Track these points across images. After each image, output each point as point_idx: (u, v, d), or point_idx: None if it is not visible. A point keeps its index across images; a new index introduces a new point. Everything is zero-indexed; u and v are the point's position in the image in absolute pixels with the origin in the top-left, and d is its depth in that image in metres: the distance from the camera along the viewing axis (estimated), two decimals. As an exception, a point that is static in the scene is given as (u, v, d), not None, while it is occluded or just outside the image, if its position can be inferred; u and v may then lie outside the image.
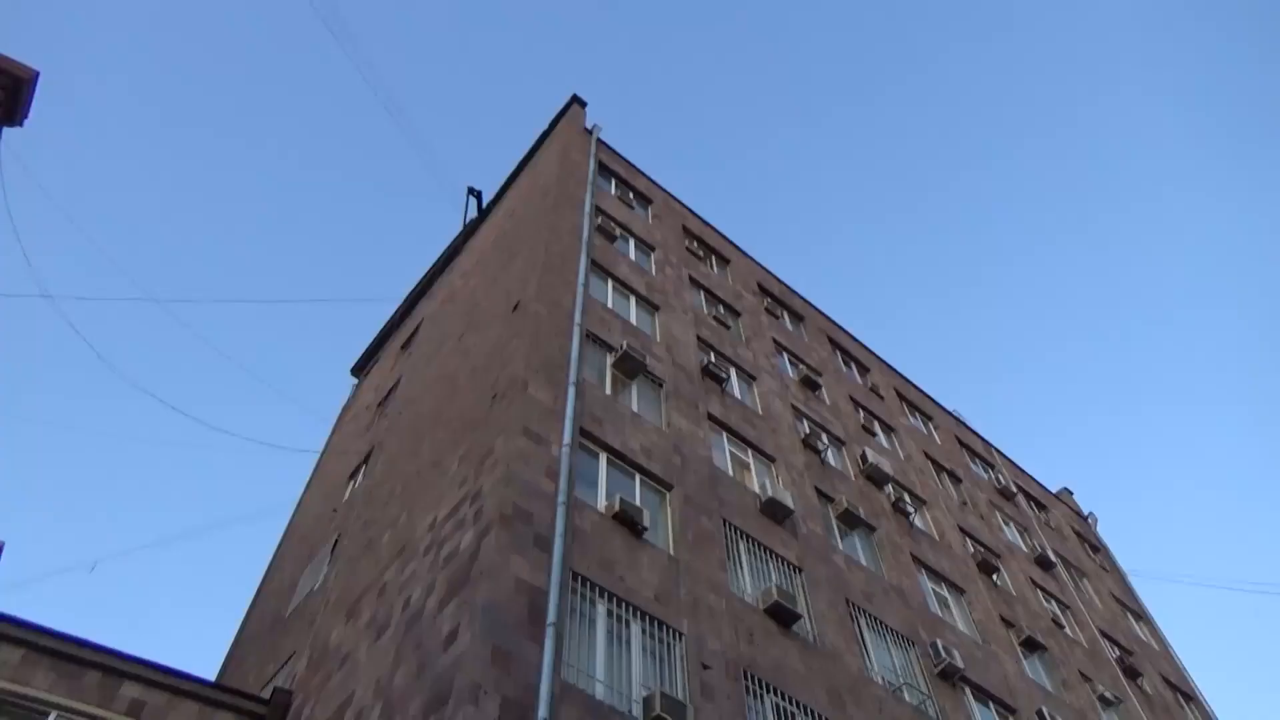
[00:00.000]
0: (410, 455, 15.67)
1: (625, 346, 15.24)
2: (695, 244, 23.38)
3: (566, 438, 12.17)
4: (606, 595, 10.70)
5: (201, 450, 69.62)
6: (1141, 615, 26.60)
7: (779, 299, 24.95)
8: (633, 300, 18.07)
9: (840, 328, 26.77)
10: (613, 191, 22.06)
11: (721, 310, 21.15)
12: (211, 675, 16.73)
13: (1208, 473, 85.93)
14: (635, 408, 14.66)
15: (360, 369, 27.40)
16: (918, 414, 26.39)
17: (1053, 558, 23.59)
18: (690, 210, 24.88)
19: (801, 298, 26.28)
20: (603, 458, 12.95)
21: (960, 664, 14.92)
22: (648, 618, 10.89)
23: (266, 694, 12.79)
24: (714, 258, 23.89)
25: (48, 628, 11.76)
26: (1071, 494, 31.53)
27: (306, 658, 13.23)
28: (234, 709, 12.16)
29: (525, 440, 11.68)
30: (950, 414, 28.35)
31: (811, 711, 11.62)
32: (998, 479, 26.22)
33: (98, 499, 68.81)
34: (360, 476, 18.46)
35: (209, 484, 70.86)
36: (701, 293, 21.16)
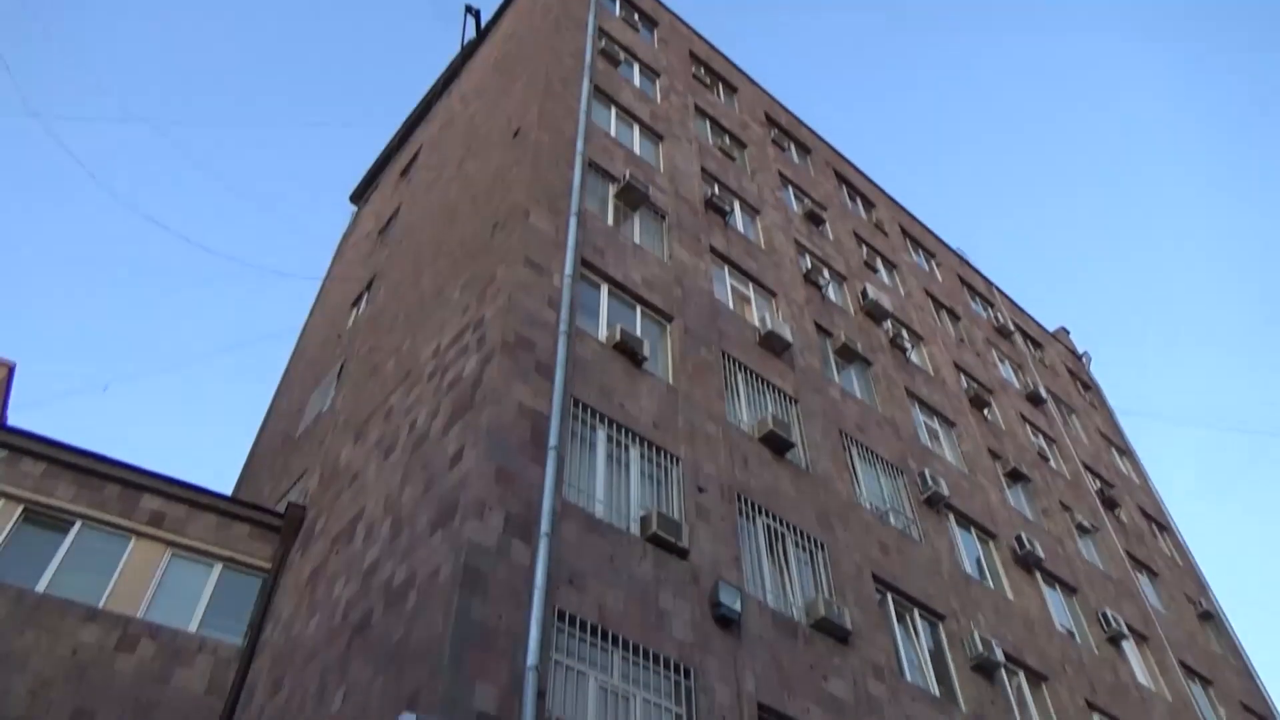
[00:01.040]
0: (412, 283, 15.73)
1: (628, 177, 15.00)
2: (702, 70, 22.57)
3: (568, 268, 12.18)
4: (606, 421, 11.02)
5: (202, 277, 69.78)
6: (1125, 450, 27.44)
7: (786, 130, 24.32)
8: (636, 129, 17.63)
9: (847, 161, 26.23)
10: (616, 12, 21.09)
11: (727, 141, 20.67)
12: (227, 493, 17.47)
13: (1203, 320, 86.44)
14: (637, 239, 14.59)
15: (359, 196, 27.06)
16: (921, 251, 26.27)
17: (1044, 394, 24.11)
18: (697, 34, 23.86)
19: (809, 129, 25.60)
20: (604, 288, 13.01)
21: (946, 492, 15.53)
22: (646, 443, 11.25)
23: (281, 509, 13.39)
24: (721, 85, 23.12)
25: (67, 443, 12.17)
26: (1068, 333, 31.82)
27: (318, 475, 13.76)
28: (251, 521, 12.77)
29: (527, 270, 11.70)
30: (954, 252, 28.23)
31: (801, 532, 12.20)
32: (996, 317, 26.41)
33: (104, 324, 69.58)
34: (363, 304, 18.60)
35: (213, 310, 71.42)
36: (707, 122, 20.61)
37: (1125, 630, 17.47)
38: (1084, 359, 31.06)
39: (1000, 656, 13.35)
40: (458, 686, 7.30)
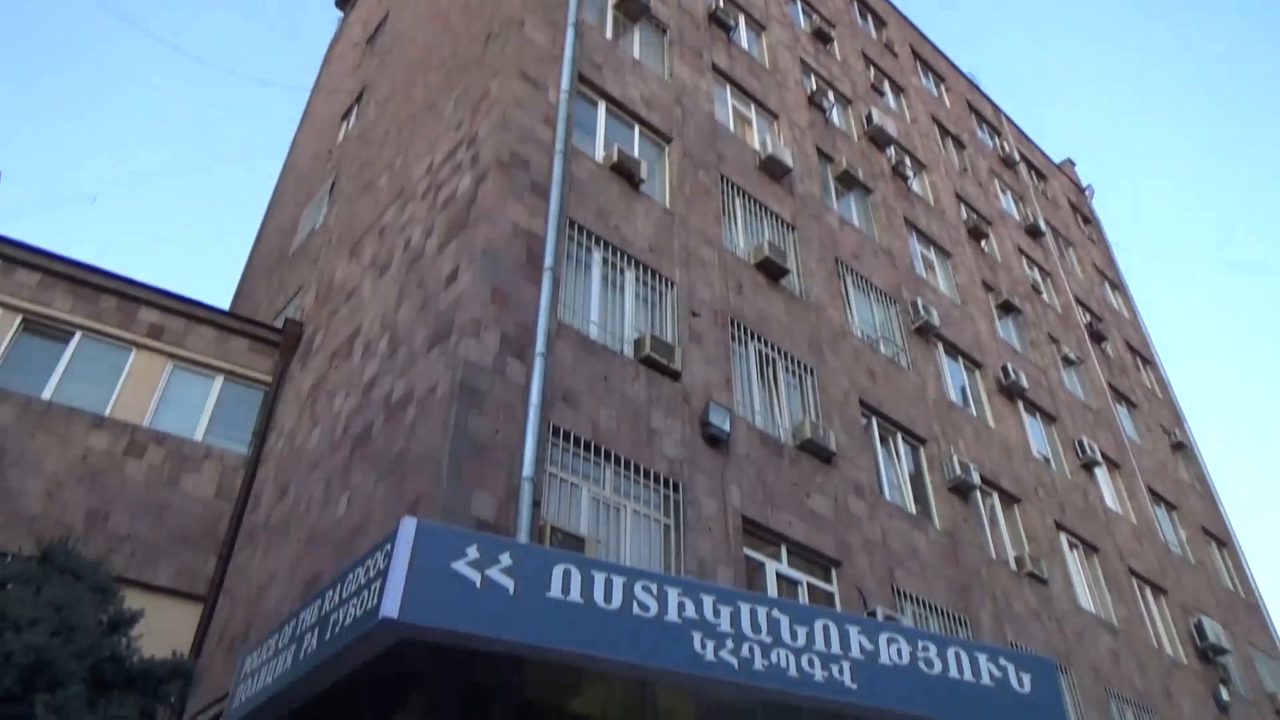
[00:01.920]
0: (403, 96, 15.22)
1: (628, -15, 14.22)
2: None
3: (565, 83, 11.76)
4: (602, 244, 10.97)
5: (185, 86, 67.32)
6: (1118, 285, 27.56)
7: (798, -62, 22.86)
8: (638, -68, 16.54)
9: (861, -26, 24.83)
10: None
11: (734, -52, 19.46)
12: (223, 308, 17.55)
13: (1210, 160, 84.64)
14: (637, 55, 14.02)
15: (344, 1, 25.70)
16: (931, 74, 25.33)
17: (1043, 227, 23.94)
18: None
19: (822, -62, 24.07)
20: (601, 106, 12.62)
21: (937, 322, 15.71)
22: (642, 266, 11.25)
23: (278, 324, 13.51)
24: (730, -115, 21.51)
25: (60, 254, 12.11)
26: (1073, 165, 31.23)
27: (313, 292, 13.81)
28: (249, 336, 12.91)
29: (522, 84, 11.30)
30: (965, 76, 27.22)
31: (791, 357, 12.42)
32: (1002, 147, 25.82)
33: (90, 133, 67.68)
34: (353, 117, 18.06)
35: (200, 121, 69.35)
36: (714, -73, 19.32)
37: (1099, 458, 18.15)
38: (1087, 192, 30.65)
39: (976, 479, 13.92)
40: (457, 495, 7.62)
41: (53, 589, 6.77)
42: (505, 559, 6.44)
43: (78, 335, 11.75)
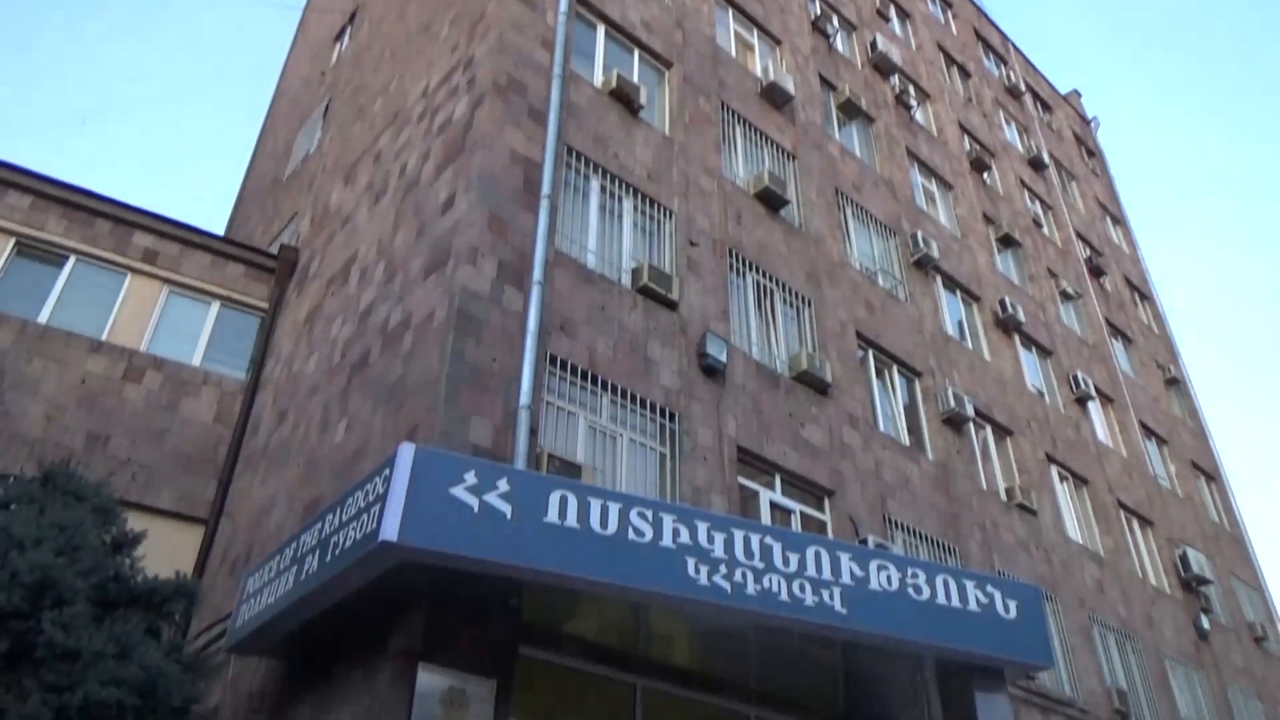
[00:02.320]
0: (396, 17, 14.86)
1: (629, -98, 13.77)
2: None
3: (563, 5, 11.48)
4: (600, 171, 10.84)
5: (176, 3, 65.71)
6: (1120, 220, 27.38)
7: None
8: None
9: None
10: None
11: None
12: (218, 233, 17.41)
13: (1216, 93, 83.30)
14: (637, -25, 13.65)
15: (338, -83, 24.90)
16: (938, 0, 24.75)
17: (1046, 160, 23.66)
18: None
19: None
20: (600, 29, 12.35)
21: (936, 255, 15.64)
22: (640, 195, 11.14)
23: (273, 250, 13.43)
24: None
25: (53, 176, 11.96)
26: (1080, 97, 30.72)
27: (309, 218, 13.69)
28: (244, 262, 12.85)
29: (519, 5, 11.03)
30: (972, 2, 26.59)
31: (789, 289, 12.39)
32: (1008, 76, 25.36)
33: (75, 55, 66.22)
34: (346, 38, 17.67)
35: (188, 42, 67.81)
36: None
37: (1093, 392, 18.26)
38: (1092, 124, 30.22)
39: (970, 411, 14.04)
40: (454, 422, 7.68)
41: (55, 510, 6.87)
42: (503, 484, 6.52)
43: (72, 259, 11.68)
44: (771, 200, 12.86)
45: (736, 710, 8.73)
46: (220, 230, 17.92)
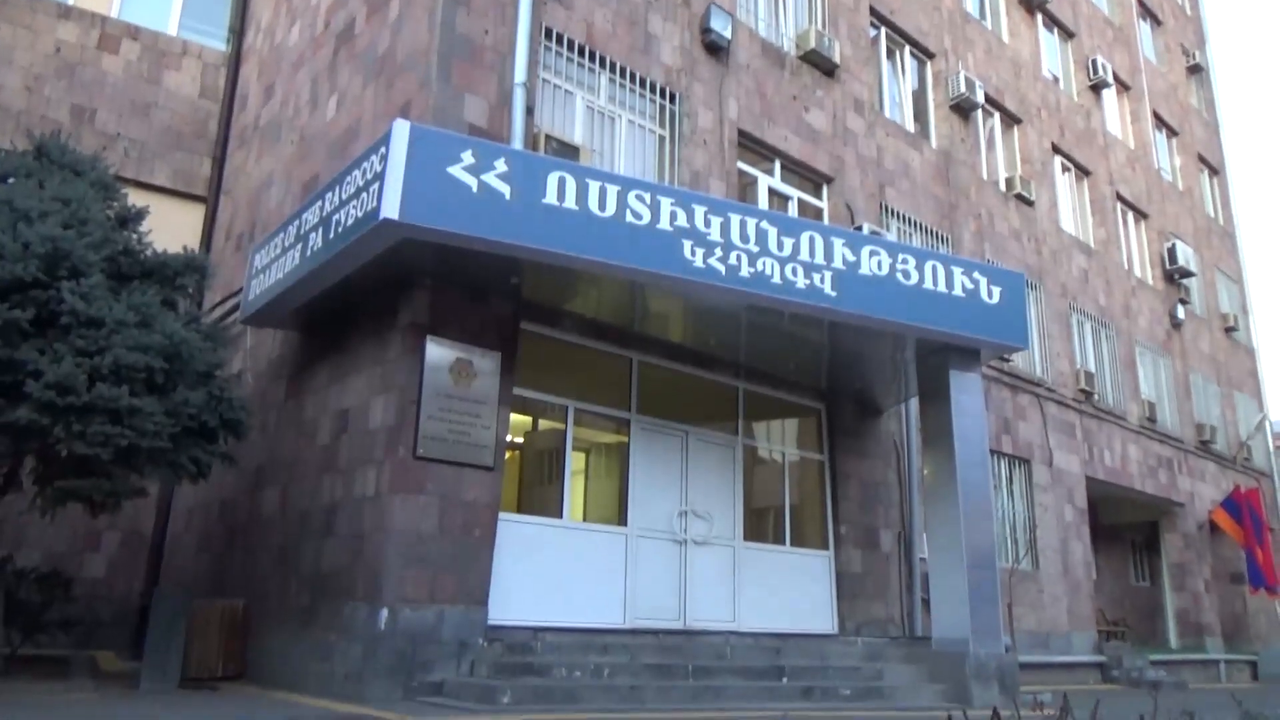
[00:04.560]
0: None
1: None
2: None
3: None
4: None
5: None
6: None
7: None
8: None
9: None
10: None
11: None
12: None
13: None
14: None
15: None
16: None
17: None
18: None
19: None
20: None
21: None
22: None
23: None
24: None
25: None
26: None
27: None
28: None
29: None
30: None
31: (802, -42, 11.47)
32: None
33: None
34: None
35: None
36: None
37: (1109, 79, 17.56)
38: None
39: (980, 98, 13.59)
40: (447, 99, 7.45)
41: (55, 184, 6.85)
42: (500, 165, 6.46)
43: (22, -89, 10.67)
44: None
45: (726, 384, 9.34)
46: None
